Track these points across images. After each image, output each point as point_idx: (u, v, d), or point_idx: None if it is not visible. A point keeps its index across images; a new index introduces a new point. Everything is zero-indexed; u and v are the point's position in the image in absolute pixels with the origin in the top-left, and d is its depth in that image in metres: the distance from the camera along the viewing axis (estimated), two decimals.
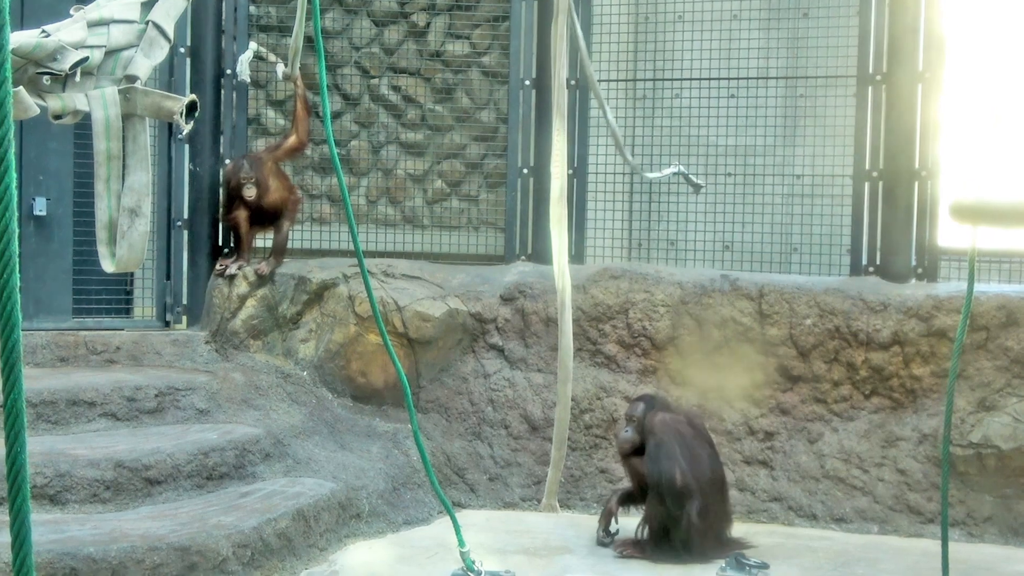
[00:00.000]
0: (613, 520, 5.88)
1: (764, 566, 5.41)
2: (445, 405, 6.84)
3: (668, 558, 5.54)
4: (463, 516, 5.79)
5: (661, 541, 5.57)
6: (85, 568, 4.50)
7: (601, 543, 5.83)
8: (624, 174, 6.84)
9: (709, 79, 7.37)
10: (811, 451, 6.44)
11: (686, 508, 5.47)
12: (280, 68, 7.10)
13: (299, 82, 6.98)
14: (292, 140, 7.13)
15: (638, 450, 5.71)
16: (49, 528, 4.77)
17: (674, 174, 6.91)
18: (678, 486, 5.47)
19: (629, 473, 5.87)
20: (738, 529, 6.18)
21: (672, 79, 7.49)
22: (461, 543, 5.14)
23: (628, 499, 5.93)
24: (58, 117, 3.30)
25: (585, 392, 6.72)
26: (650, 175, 6.94)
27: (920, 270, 6.78)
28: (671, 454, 5.52)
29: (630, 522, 5.78)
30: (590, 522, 6.12)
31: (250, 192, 6.97)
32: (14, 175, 1.95)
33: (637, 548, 5.64)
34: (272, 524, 5.16)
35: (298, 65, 6.80)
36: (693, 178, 6.91)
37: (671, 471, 5.48)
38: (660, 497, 5.52)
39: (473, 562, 5.13)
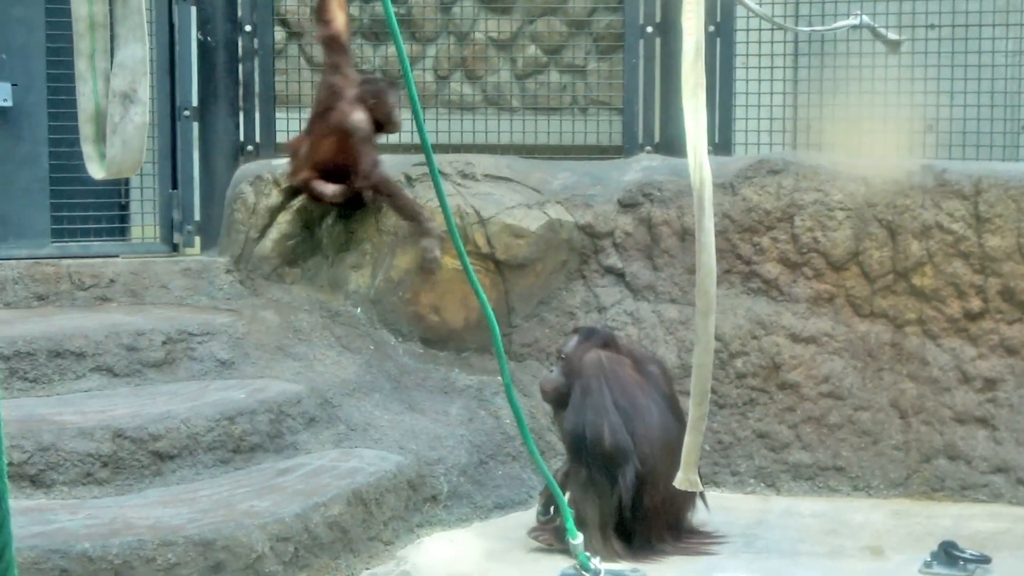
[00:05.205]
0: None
1: (985, 560, 5.36)
2: (546, 350, 6.86)
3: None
4: None
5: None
6: (79, 569, 4.58)
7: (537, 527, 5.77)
8: (788, 29, 6.72)
9: None
10: None
11: (618, 478, 5.40)
12: None
13: None
14: (340, 21, 6.72)
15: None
16: (31, 518, 4.86)
17: (855, 27, 6.77)
18: (606, 446, 5.40)
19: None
20: (947, 511, 6.14)
21: None
22: (572, 533, 5.17)
23: None
24: None
25: (736, 329, 6.69)
26: (813, 28, 6.81)
27: None
28: (599, 404, 5.45)
29: None
30: (745, 504, 6.13)
31: None
32: None
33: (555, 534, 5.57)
34: (321, 510, 5.21)
35: None
36: (884, 31, 6.76)
37: (597, 425, 5.42)
38: (582, 461, 5.46)
39: (588, 557, 5.17)
